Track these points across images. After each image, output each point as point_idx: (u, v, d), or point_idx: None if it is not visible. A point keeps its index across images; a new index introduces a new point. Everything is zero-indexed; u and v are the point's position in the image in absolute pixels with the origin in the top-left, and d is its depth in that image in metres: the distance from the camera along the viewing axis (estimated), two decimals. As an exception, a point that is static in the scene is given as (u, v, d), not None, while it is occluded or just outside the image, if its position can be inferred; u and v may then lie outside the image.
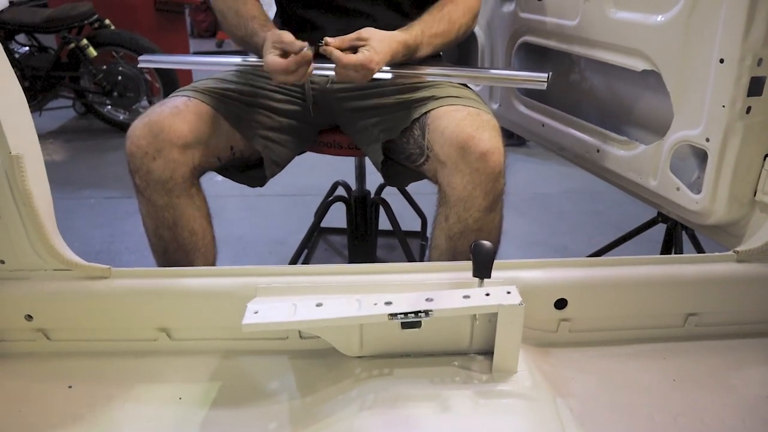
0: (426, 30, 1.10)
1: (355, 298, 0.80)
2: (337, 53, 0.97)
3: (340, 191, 1.73)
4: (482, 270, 0.83)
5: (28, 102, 2.92)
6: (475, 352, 0.87)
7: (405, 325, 0.76)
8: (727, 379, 0.87)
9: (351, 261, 1.77)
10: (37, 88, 3.18)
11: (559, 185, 2.67)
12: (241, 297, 0.85)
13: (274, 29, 1.05)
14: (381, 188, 1.72)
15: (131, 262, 1.95)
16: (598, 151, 1.28)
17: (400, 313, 0.76)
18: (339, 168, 1.80)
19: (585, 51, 1.25)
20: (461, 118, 1.00)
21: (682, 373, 0.88)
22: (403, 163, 1.15)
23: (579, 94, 1.38)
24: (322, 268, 0.88)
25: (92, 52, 3.07)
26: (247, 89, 1.17)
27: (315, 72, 1.15)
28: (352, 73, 0.99)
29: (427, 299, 0.79)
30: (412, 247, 1.77)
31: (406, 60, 1.08)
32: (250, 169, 1.22)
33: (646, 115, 1.19)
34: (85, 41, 3.05)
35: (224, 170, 1.20)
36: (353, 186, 1.66)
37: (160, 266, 1.15)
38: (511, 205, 1.03)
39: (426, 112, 1.07)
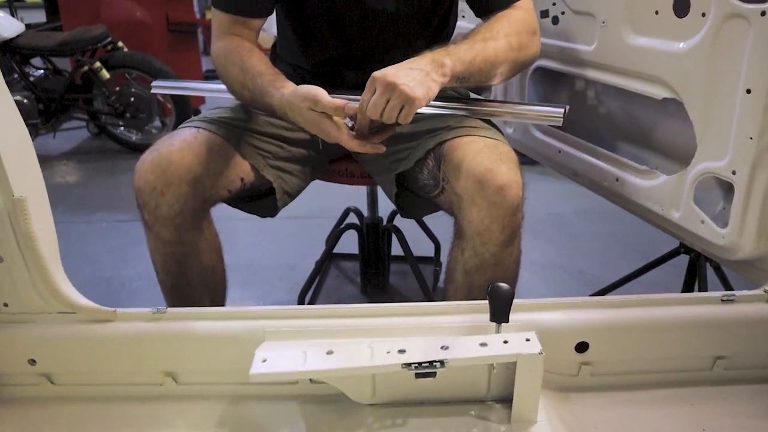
0: (468, 51, 0.96)
1: (367, 344, 0.77)
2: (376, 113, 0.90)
3: (352, 218, 1.70)
4: (499, 314, 0.79)
5: (43, 124, 2.92)
6: (492, 399, 0.83)
7: (419, 375, 0.73)
8: (760, 427, 0.83)
9: (363, 288, 1.74)
10: (52, 110, 3.21)
11: (574, 205, 2.62)
12: (248, 341, 0.82)
13: (290, 85, 0.97)
14: (393, 215, 1.69)
15: (141, 289, 1.94)
16: (617, 180, 1.24)
17: (414, 363, 0.72)
18: (350, 191, 1.78)
19: (602, 77, 1.22)
20: (478, 150, 0.97)
21: (712, 422, 0.84)
22: (417, 193, 1.12)
23: (597, 121, 1.34)
24: (332, 311, 0.85)
25: (105, 74, 3.09)
26: (259, 119, 1.15)
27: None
28: (400, 115, 0.90)
29: (442, 347, 0.75)
30: (425, 273, 1.73)
31: (463, 77, 0.96)
32: (260, 199, 1.19)
33: (668, 144, 1.16)
34: (98, 64, 3.07)
35: (234, 201, 1.18)
36: (365, 212, 1.63)
37: (168, 301, 1.13)
38: (525, 225, 0.99)
39: (441, 143, 1.04)
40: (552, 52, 1.37)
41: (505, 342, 0.76)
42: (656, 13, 1.06)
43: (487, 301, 0.80)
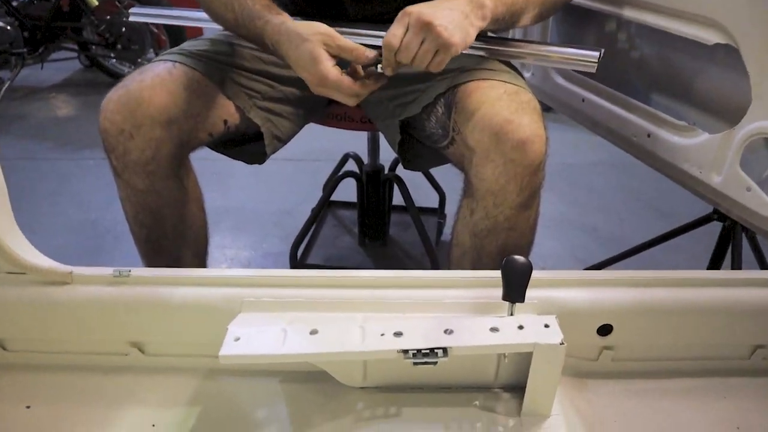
0: None
1: (358, 323, 0.66)
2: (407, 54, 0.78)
3: (351, 164, 1.57)
4: (514, 292, 0.68)
5: (29, 54, 2.73)
6: (501, 387, 0.73)
7: (418, 363, 0.62)
8: (802, 426, 0.73)
9: (361, 240, 1.63)
10: (38, 39, 3.02)
11: (588, 156, 2.47)
12: (224, 310, 0.72)
13: (287, 16, 0.85)
14: (396, 163, 1.56)
15: (128, 232, 1.84)
16: (648, 135, 1.10)
17: (413, 350, 0.61)
18: (350, 134, 1.65)
19: (640, 16, 1.06)
20: (496, 98, 0.83)
21: (748, 417, 0.74)
22: (423, 143, 0.99)
23: (628, 68, 1.19)
24: (320, 279, 0.73)
25: (93, 1, 2.88)
26: (246, 53, 1.00)
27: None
28: (435, 60, 0.78)
29: (446, 330, 0.64)
30: (428, 225, 1.62)
31: (503, 20, 0.85)
32: (247, 144, 1.06)
33: (713, 98, 1.01)
34: (85, -11, 2.86)
35: (218, 146, 1.05)
36: (365, 159, 1.50)
37: (142, 255, 1.02)
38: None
39: (454, 87, 0.89)
40: (581, -14, 1.20)
41: (520, 327, 0.65)
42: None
43: (499, 273, 0.69)
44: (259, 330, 0.66)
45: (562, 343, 0.63)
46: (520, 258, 0.69)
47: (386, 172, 1.50)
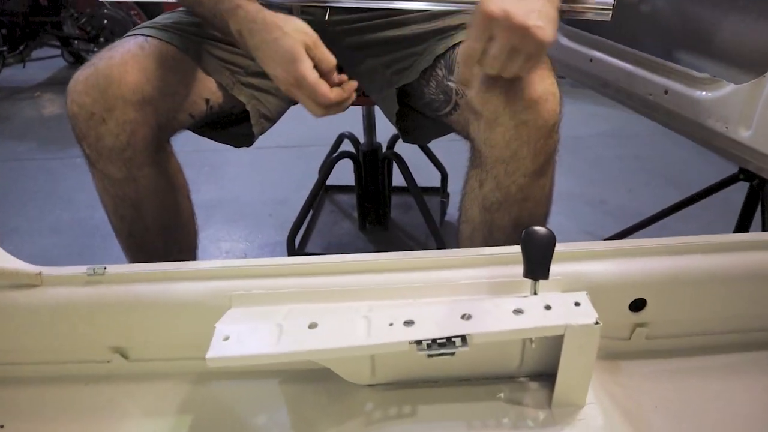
0: None
1: (362, 312, 0.58)
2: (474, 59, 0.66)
3: (347, 145, 1.49)
4: (537, 268, 0.60)
5: (9, 52, 2.64)
6: (526, 376, 0.65)
7: (433, 355, 0.54)
8: None
9: (361, 225, 1.55)
10: (17, 36, 2.92)
11: (592, 127, 2.39)
12: (212, 307, 0.64)
13: (264, 8, 0.76)
14: (394, 140, 1.48)
15: (118, 230, 1.76)
16: (665, 92, 1.02)
17: (427, 340, 0.54)
18: (344, 114, 1.57)
19: (653, -38, 0.97)
20: None
21: (802, 394, 0.66)
22: (422, 112, 0.91)
23: (639, 21, 1.10)
24: (315, 266, 0.66)
25: (71, -8, 2.79)
26: (226, 23, 0.91)
27: (312, 4, 0.90)
28: (515, 62, 0.65)
29: (463, 316, 0.56)
30: (431, 205, 1.54)
31: None
32: (233, 125, 0.98)
33: (736, 48, 0.93)
34: (60, -20, 2.76)
35: (200, 128, 0.97)
36: (361, 138, 1.41)
37: (126, 251, 0.94)
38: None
39: (453, 47, 0.81)
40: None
41: (548, 308, 0.57)
42: None
43: (517, 248, 0.61)
44: (251, 327, 0.58)
45: (597, 323, 0.56)
46: (541, 229, 0.61)
47: (384, 150, 1.42)
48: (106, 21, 2.88)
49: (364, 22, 0.92)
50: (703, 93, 0.95)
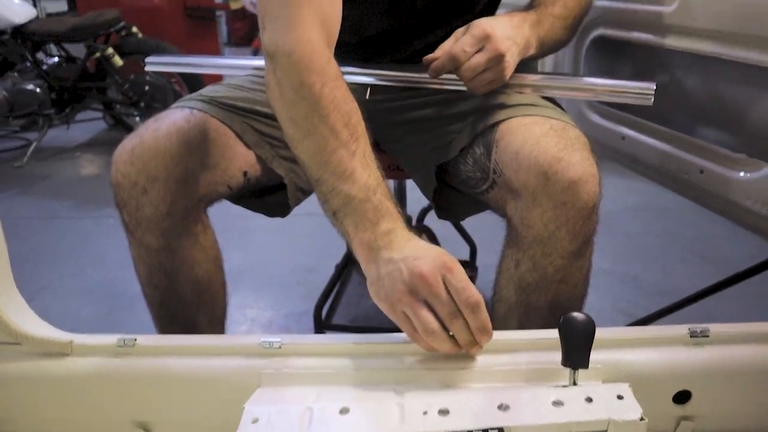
0: (541, 9, 0.85)
1: (395, 401, 0.56)
2: (461, 57, 0.76)
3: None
4: (576, 357, 0.58)
5: (57, 114, 2.76)
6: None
7: (469, 447, 0.52)
8: None
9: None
10: (65, 99, 3.07)
11: (620, 201, 2.37)
12: (241, 385, 0.63)
13: (390, 202, 0.66)
14: (424, 213, 1.48)
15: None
16: (701, 171, 1.01)
17: (463, 432, 0.51)
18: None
19: (686, 44, 0.99)
20: (541, 134, 0.75)
21: None
22: (458, 189, 0.91)
23: (672, 99, 1.11)
24: (348, 346, 0.64)
25: (118, 61, 2.93)
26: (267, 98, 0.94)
27: (356, 80, 0.92)
28: (485, 76, 0.78)
29: (500, 406, 0.54)
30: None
31: (539, 45, 0.84)
32: (268, 195, 0.99)
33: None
34: (110, 50, 2.91)
35: (237, 199, 0.98)
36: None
37: (155, 319, 0.94)
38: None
39: (492, 125, 0.82)
40: (614, 18, 1.14)
41: (589, 400, 0.55)
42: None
43: (555, 332, 0.59)
44: (281, 409, 0.56)
45: (642, 419, 0.53)
46: (579, 315, 0.59)
47: (414, 223, 1.42)
48: (147, 87, 3.01)
49: (404, 101, 0.94)
50: (741, 174, 0.93)
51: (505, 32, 0.77)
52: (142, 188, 0.80)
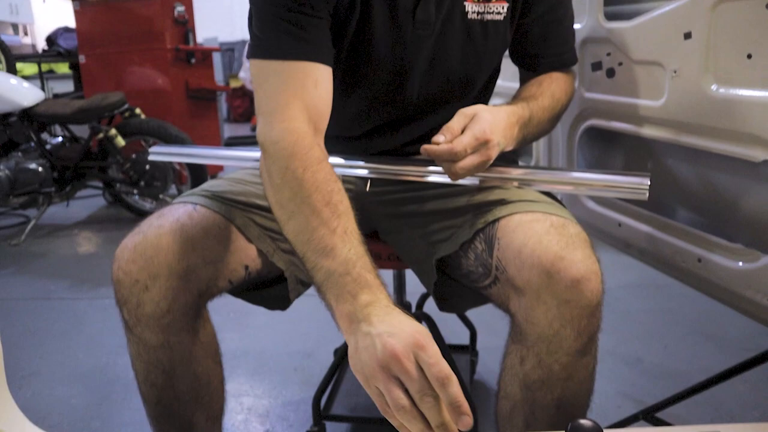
0: (533, 103, 0.90)
1: None
2: (447, 145, 0.79)
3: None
4: (586, 467, 0.56)
5: (57, 191, 2.79)
6: None
7: None
8: None
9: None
10: (66, 178, 3.12)
11: (618, 278, 2.35)
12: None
13: (374, 279, 0.67)
14: (423, 299, 1.47)
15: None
16: (699, 260, 1.01)
17: None
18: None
19: (676, 137, 1.02)
20: (543, 232, 0.76)
21: None
22: (460, 281, 0.91)
23: (665, 189, 1.13)
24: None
25: (120, 141, 3.00)
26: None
27: (356, 174, 0.95)
28: (471, 160, 0.80)
29: None
30: (460, 364, 1.49)
31: (520, 142, 0.89)
32: (268, 288, 0.98)
33: (765, 216, 0.94)
34: (113, 131, 2.99)
35: (237, 292, 0.98)
36: (390, 295, 1.41)
37: (151, 418, 0.91)
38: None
39: (493, 221, 0.83)
40: (606, 109, 1.18)
41: None
42: (749, 57, 0.87)
43: (561, 439, 0.57)
44: None
45: None
46: (586, 423, 0.58)
47: (413, 309, 1.41)
48: (148, 167, 3.06)
49: (404, 194, 0.96)
50: (740, 264, 0.94)
51: (499, 135, 0.81)
52: (143, 285, 0.80)
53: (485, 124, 0.79)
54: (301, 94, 0.78)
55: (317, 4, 0.80)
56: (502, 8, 0.90)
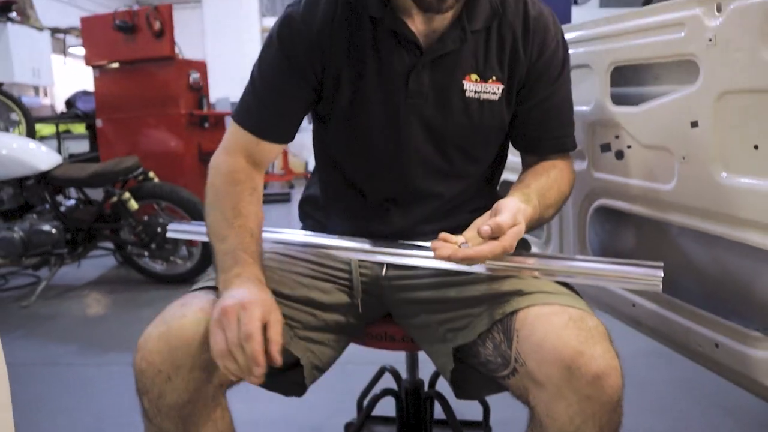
0: (542, 200, 0.92)
1: None
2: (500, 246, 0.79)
3: (387, 378, 1.47)
4: None
5: (69, 253, 2.79)
6: None
7: None
8: None
9: (401, 459, 1.46)
10: (79, 239, 3.15)
11: (632, 344, 2.27)
12: None
13: (254, 270, 0.87)
14: (435, 377, 1.46)
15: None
16: (716, 345, 1.01)
17: None
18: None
19: (687, 221, 1.03)
20: (562, 326, 0.77)
21: None
22: (477, 369, 0.90)
23: (679, 271, 1.13)
24: None
25: (133, 204, 3.05)
26: (287, 278, 0.97)
27: (371, 259, 0.98)
28: (491, 247, 0.80)
29: None
30: (474, 441, 1.46)
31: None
32: (284, 374, 0.97)
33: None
34: (126, 194, 3.04)
35: None
36: (402, 372, 1.40)
37: None
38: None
39: (511, 313, 0.84)
40: (616, 190, 1.20)
41: None
42: (755, 147, 0.89)
43: None
44: None
45: None
46: None
47: (426, 388, 1.39)
48: (159, 229, 3.09)
49: (420, 279, 0.96)
50: (755, 351, 0.93)
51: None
52: (166, 376, 0.81)
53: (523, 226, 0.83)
54: (250, 153, 1.00)
55: (297, 91, 0.97)
56: (498, 89, 0.96)
